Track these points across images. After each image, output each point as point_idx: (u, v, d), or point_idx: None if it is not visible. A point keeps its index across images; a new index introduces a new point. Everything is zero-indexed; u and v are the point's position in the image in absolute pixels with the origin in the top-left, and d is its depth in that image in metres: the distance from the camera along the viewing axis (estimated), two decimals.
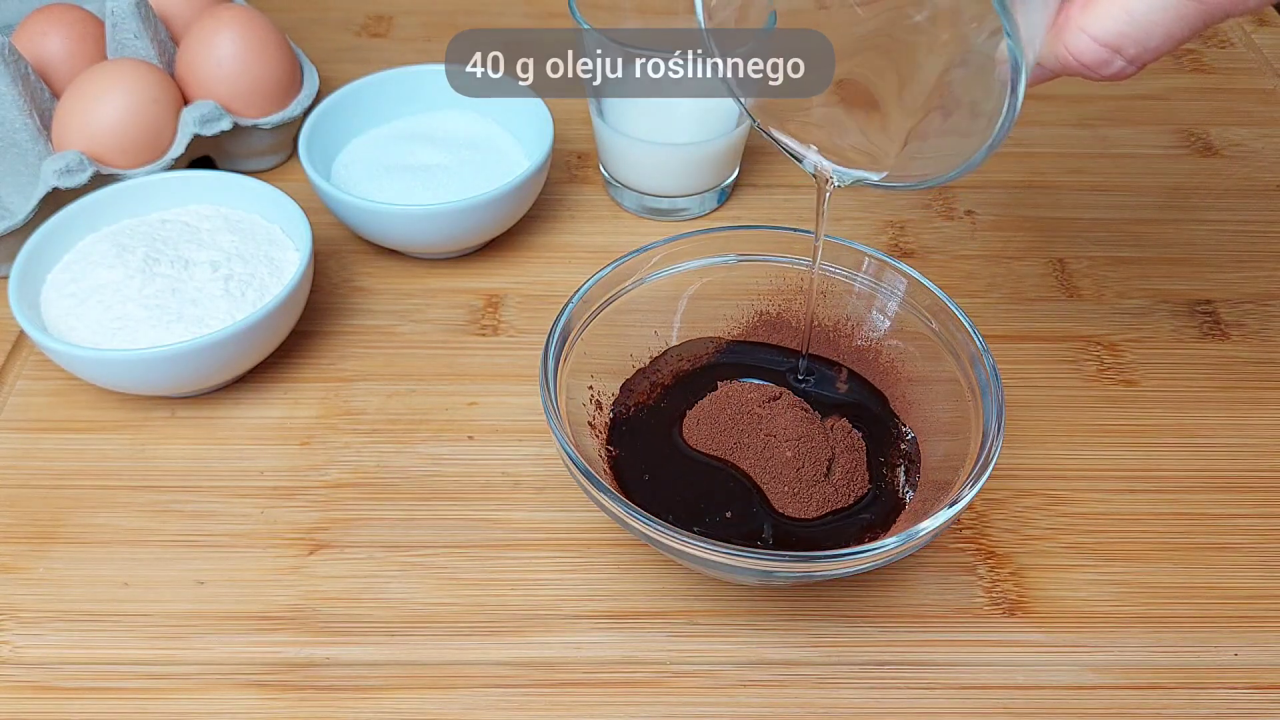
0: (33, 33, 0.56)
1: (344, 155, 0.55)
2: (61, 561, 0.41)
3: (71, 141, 0.52)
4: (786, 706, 0.37)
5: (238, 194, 0.50)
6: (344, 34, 0.70)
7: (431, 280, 0.53)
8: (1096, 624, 0.39)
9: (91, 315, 0.45)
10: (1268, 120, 0.63)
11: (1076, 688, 0.37)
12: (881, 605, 0.40)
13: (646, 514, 0.33)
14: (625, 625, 0.39)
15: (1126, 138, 0.61)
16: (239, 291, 0.46)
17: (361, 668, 0.38)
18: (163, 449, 0.45)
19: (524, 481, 0.44)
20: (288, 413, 0.46)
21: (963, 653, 0.38)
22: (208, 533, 0.42)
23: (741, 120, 0.53)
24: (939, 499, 0.36)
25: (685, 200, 0.56)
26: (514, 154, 0.55)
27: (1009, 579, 0.40)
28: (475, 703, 0.37)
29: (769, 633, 0.39)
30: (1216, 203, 0.57)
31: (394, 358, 0.49)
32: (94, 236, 0.48)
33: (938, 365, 0.40)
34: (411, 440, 0.45)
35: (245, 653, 0.38)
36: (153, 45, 0.56)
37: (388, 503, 0.43)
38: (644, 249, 0.42)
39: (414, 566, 0.41)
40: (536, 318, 0.51)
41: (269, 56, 0.56)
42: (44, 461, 0.44)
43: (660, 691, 0.37)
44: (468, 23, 0.71)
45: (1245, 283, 0.52)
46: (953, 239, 0.55)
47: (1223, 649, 0.38)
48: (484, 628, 0.39)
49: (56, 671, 0.38)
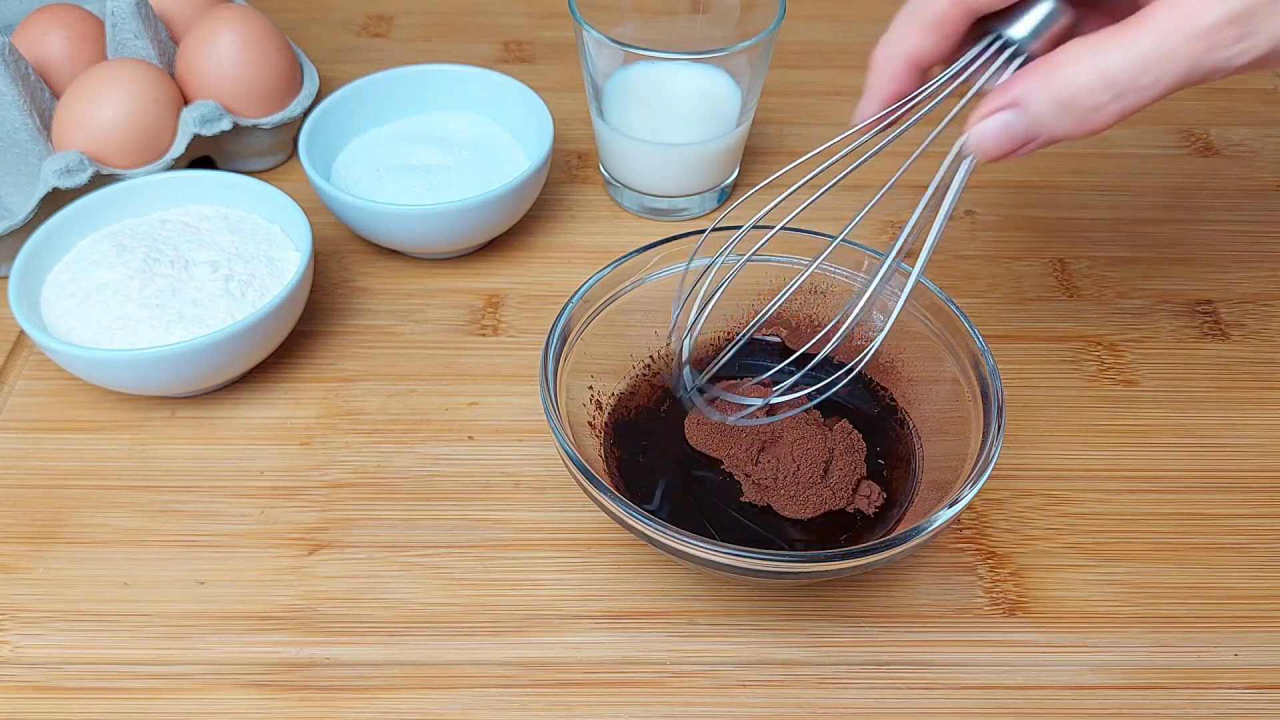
0: (33, 33, 0.56)
1: (344, 155, 0.55)
2: (61, 561, 0.41)
3: (71, 141, 0.52)
4: (786, 706, 0.37)
5: (238, 194, 0.50)
6: (344, 34, 0.70)
7: (431, 280, 0.53)
8: (1096, 624, 0.39)
9: (92, 315, 0.45)
10: (1268, 120, 0.63)
11: (1076, 688, 0.37)
12: (881, 605, 0.40)
13: (646, 514, 0.33)
14: (625, 625, 0.39)
15: (1126, 138, 0.61)
16: (239, 291, 0.46)
17: (361, 668, 0.38)
18: (163, 449, 0.45)
19: (524, 481, 0.44)
20: (288, 413, 0.46)
21: (963, 653, 0.38)
22: (208, 533, 0.42)
23: (741, 120, 0.53)
24: (939, 499, 0.36)
25: (685, 200, 0.56)
26: (514, 154, 0.55)
27: (1009, 579, 0.40)
28: (475, 703, 0.37)
29: (769, 633, 0.39)
30: (1216, 203, 0.57)
31: (394, 358, 0.49)
32: (94, 236, 0.48)
33: (938, 365, 0.40)
34: (412, 440, 0.45)
35: (245, 653, 0.38)
36: (153, 45, 0.56)
37: (388, 503, 0.43)
38: (644, 249, 0.42)
39: (414, 566, 0.41)
40: (536, 318, 0.51)
41: (269, 56, 0.56)
42: (44, 461, 0.44)
43: (660, 691, 0.37)
44: (468, 23, 0.71)
45: (1245, 283, 0.52)
46: (953, 239, 0.55)
47: (1223, 649, 0.38)
48: (484, 628, 0.39)
49: (56, 671, 0.38)
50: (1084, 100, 0.30)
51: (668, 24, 0.55)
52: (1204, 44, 0.28)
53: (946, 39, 0.33)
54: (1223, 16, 0.28)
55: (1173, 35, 0.28)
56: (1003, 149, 0.32)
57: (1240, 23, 0.28)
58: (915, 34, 0.33)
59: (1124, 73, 0.29)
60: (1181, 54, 0.28)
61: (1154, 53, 0.29)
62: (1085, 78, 0.29)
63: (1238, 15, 0.28)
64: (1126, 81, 0.29)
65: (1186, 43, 0.28)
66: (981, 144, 0.32)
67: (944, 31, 0.33)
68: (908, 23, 0.33)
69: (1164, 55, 0.29)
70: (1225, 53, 0.28)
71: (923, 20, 0.33)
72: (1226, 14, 0.28)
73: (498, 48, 0.69)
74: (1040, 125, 0.31)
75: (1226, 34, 0.28)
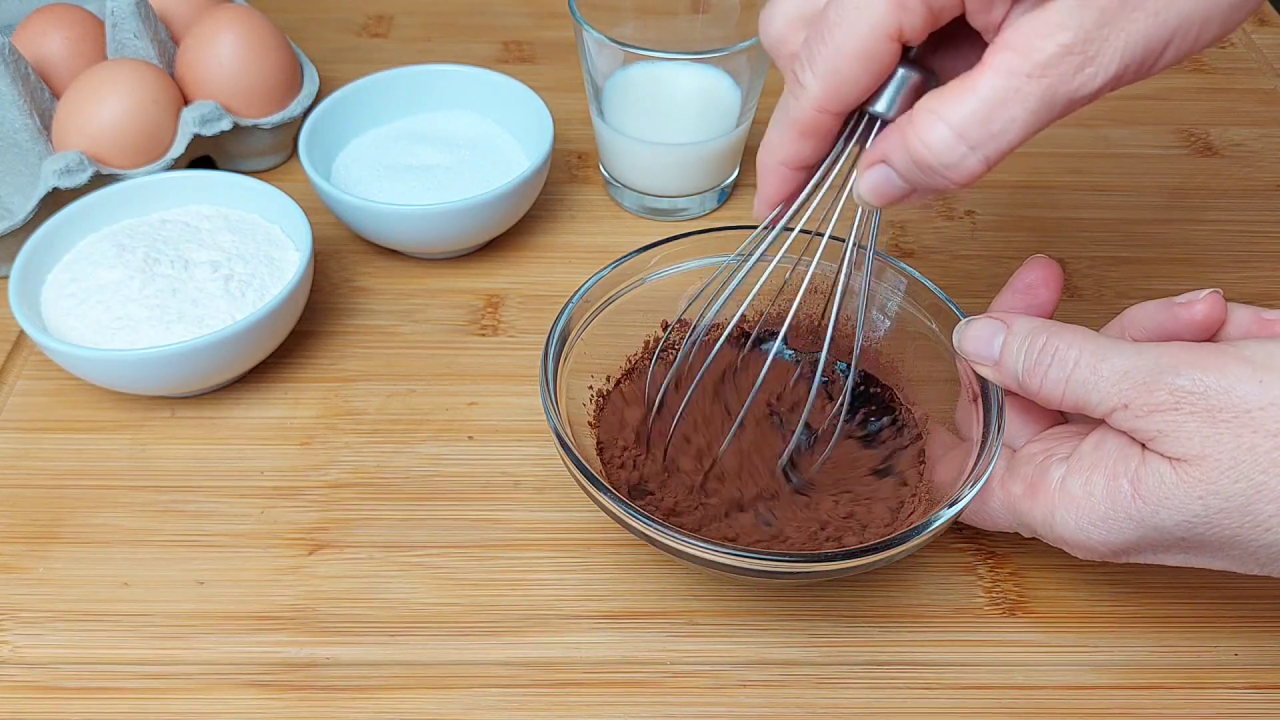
0: (33, 33, 0.56)
1: (344, 155, 0.55)
2: (61, 561, 0.41)
3: (71, 141, 0.52)
4: (786, 706, 0.37)
5: (238, 194, 0.50)
6: (344, 34, 0.70)
7: (431, 280, 0.53)
8: (1096, 624, 0.39)
9: (92, 315, 0.45)
10: (1268, 120, 0.63)
11: (1076, 688, 0.37)
12: (881, 605, 0.40)
13: (647, 514, 0.33)
14: (625, 625, 0.39)
15: (1126, 138, 0.61)
16: (239, 291, 0.46)
17: (361, 668, 0.38)
18: (163, 449, 0.45)
19: (524, 481, 0.44)
20: (288, 413, 0.46)
21: (963, 653, 0.38)
22: (208, 533, 0.42)
23: (741, 120, 0.53)
24: (939, 499, 0.36)
25: (685, 200, 0.56)
26: (514, 154, 0.55)
27: (1009, 579, 0.40)
28: (475, 703, 0.37)
29: (769, 633, 0.39)
30: (1216, 203, 0.57)
31: (394, 358, 0.49)
32: (94, 236, 0.48)
33: (938, 365, 0.40)
34: (411, 440, 0.45)
35: (245, 653, 0.38)
36: (153, 45, 0.56)
37: (388, 503, 0.43)
38: (644, 249, 0.42)
39: (414, 566, 0.41)
40: (536, 318, 0.51)
41: (269, 56, 0.56)
42: (44, 461, 0.44)
43: (660, 691, 0.37)
44: (468, 23, 0.71)
45: (1245, 283, 0.52)
46: (953, 239, 0.55)
47: (1223, 649, 0.38)
48: (484, 628, 0.39)
49: (56, 671, 0.38)
50: (940, 158, 0.29)
51: (668, 24, 0.55)
52: (1047, 79, 0.27)
53: (822, 140, 0.33)
54: (1058, 48, 0.27)
55: (1011, 77, 0.28)
56: (887, 200, 0.32)
57: (1078, 50, 0.27)
58: (791, 142, 0.33)
59: (971, 124, 0.28)
60: (1027, 93, 0.28)
61: (996, 98, 0.28)
62: (935, 136, 0.29)
63: (1073, 44, 0.27)
64: (977, 132, 0.28)
65: (1028, 82, 0.27)
66: (866, 195, 0.32)
67: (817, 136, 0.33)
68: (782, 131, 0.33)
69: (1006, 99, 0.28)
70: (1073, 83, 0.27)
71: (795, 130, 0.32)
72: (1060, 46, 0.27)
73: (498, 48, 0.69)
74: (911, 181, 0.31)
75: (1067, 64, 0.27)
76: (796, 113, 0.32)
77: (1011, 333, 0.35)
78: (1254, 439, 0.29)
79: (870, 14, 0.29)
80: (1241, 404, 0.30)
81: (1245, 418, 0.30)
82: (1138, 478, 0.31)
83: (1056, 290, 0.38)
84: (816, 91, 0.31)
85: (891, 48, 0.30)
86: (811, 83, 0.31)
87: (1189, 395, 0.30)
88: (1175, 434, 0.30)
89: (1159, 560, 0.33)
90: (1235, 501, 0.30)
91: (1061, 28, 0.27)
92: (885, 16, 0.29)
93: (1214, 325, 0.34)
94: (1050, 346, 0.33)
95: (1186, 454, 0.30)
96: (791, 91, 0.32)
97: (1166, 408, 0.31)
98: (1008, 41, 0.28)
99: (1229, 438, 0.30)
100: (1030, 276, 0.38)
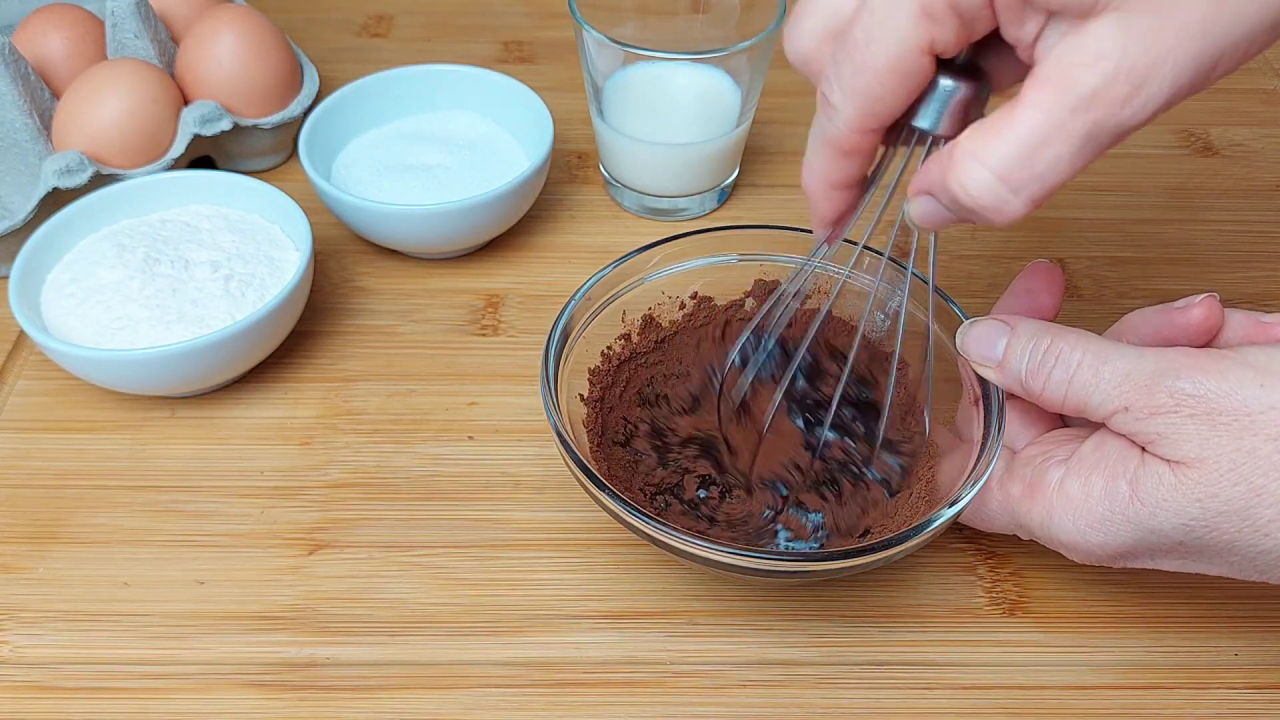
0: (33, 33, 0.56)
1: (344, 155, 0.55)
2: (61, 561, 0.41)
3: (71, 141, 0.52)
4: (786, 706, 0.37)
5: (238, 194, 0.50)
6: (344, 34, 0.70)
7: (431, 280, 0.53)
8: (1096, 624, 0.39)
9: (92, 315, 0.45)
10: (1268, 120, 0.63)
11: (1076, 688, 0.37)
12: (881, 605, 0.40)
13: (646, 514, 0.33)
14: (625, 625, 0.39)
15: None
16: (239, 291, 0.46)
17: (361, 668, 0.38)
18: (163, 449, 0.45)
19: (524, 481, 0.44)
20: (288, 413, 0.46)
21: (963, 653, 0.38)
22: (208, 533, 0.42)
23: (741, 120, 0.53)
24: (939, 499, 0.36)
25: (685, 200, 0.56)
26: (514, 154, 0.55)
27: (1009, 579, 0.40)
28: (475, 703, 0.37)
29: (769, 633, 0.39)
30: (1216, 203, 0.57)
31: (394, 358, 0.49)
32: (94, 236, 0.48)
33: (938, 365, 0.40)
34: (411, 440, 0.45)
35: (245, 653, 0.38)
36: (153, 45, 0.56)
37: (388, 503, 0.43)
38: (644, 249, 0.42)
39: (414, 566, 0.41)
40: (536, 318, 0.51)
41: (269, 56, 0.56)
42: (44, 461, 0.44)
43: (660, 691, 0.37)
44: (468, 23, 0.71)
45: (1245, 283, 0.52)
46: (953, 239, 0.55)
47: (1223, 649, 0.38)
48: (484, 628, 0.39)
49: (56, 671, 0.38)
50: (980, 202, 0.28)
51: (668, 24, 0.55)
52: (1094, 113, 0.26)
53: (865, 156, 0.32)
54: (1101, 80, 0.25)
55: (1051, 113, 0.26)
56: (940, 226, 0.31)
57: (1123, 80, 0.25)
58: (832, 164, 0.32)
59: (1012, 166, 0.27)
60: (1070, 130, 0.26)
61: (1036, 137, 0.26)
62: (974, 180, 0.27)
63: (1117, 74, 0.25)
64: (1019, 175, 0.27)
65: (1071, 117, 0.26)
66: (918, 221, 0.31)
67: (860, 153, 0.31)
68: (821, 153, 0.32)
69: (1049, 137, 0.26)
70: (1121, 114, 0.26)
71: (833, 151, 0.31)
72: (1103, 77, 0.25)
73: (498, 48, 0.69)
74: (958, 216, 0.30)
75: (1113, 95, 0.25)
76: (832, 134, 0.31)
77: (1015, 335, 0.35)
78: (1254, 443, 0.29)
79: (899, 29, 0.28)
80: (1242, 408, 0.30)
81: (1245, 421, 0.30)
82: (1136, 480, 0.31)
83: (1058, 295, 0.37)
84: (849, 112, 0.30)
85: (923, 62, 0.28)
86: (843, 104, 0.29)
87: (1189, 398, 0.30)
88: (1175, 437, 0.30)
89: (1156, 565, 0.33)
90: (1234, 505, 0.30)
91: (1102, 56, 0.25)
92: (915, 30, 0.27)
93: (1211, 329, 0.34)
94: (1054, 349, 0.33)
95: (1186, 457, 0.30)
96: (824, 112, 0.30)
97: (1166, 410, 0.31)
98: (1046, 75, 0.26)
99: (1229, 441, 0.30)
100: (1031, 281, 0.38)
